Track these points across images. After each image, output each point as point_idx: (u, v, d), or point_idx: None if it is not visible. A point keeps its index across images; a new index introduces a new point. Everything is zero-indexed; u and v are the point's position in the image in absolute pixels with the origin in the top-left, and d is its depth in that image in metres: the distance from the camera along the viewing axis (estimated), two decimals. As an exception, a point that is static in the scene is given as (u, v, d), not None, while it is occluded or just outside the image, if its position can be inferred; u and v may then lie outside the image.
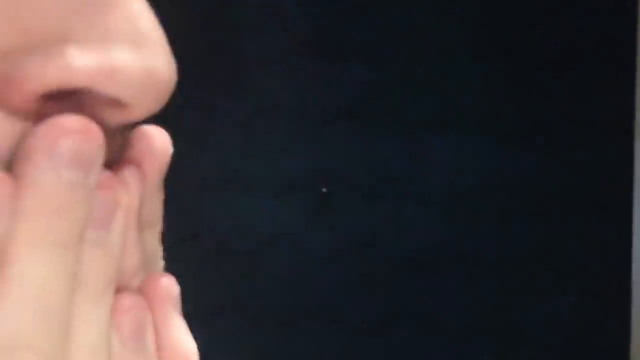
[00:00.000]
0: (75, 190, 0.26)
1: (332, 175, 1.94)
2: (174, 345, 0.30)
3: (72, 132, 0.26)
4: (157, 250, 0.31)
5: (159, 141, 0.30)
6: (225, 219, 1.91)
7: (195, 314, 0.38)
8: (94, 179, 0.27)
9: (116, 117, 0.28)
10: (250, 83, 1.92)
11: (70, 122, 0.26)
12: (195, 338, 0.31)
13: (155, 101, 0.28)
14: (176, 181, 0.39)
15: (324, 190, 1.93)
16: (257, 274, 1.91)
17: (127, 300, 0.29)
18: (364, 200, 1.94)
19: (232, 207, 1.91)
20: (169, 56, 0.28)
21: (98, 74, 0.26)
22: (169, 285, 0.30)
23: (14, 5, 0.26)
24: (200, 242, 1.90)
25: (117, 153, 0.29)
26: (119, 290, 0.28)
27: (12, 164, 0.26)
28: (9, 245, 0.26)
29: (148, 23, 0.28)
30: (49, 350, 0.26)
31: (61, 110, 0.27)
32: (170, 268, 0.32)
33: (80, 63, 0.26)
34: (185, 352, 0.30)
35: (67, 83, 0.26)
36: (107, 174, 0.27)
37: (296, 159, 1.93)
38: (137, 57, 0.27)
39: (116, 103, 0.27)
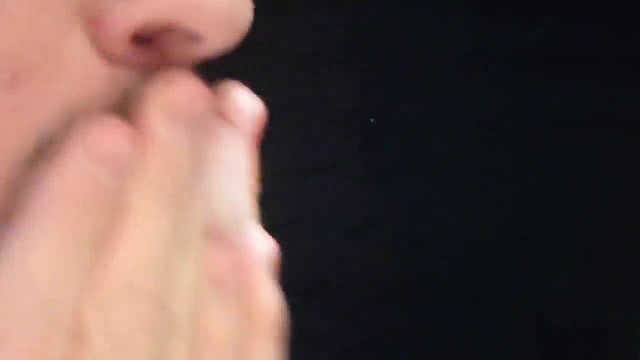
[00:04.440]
0: (187, 145, 0.28)
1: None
2: (260, 304, 0.32)
3: (190, 93, 0.28)
4: (248, 203, 0.32)
5: (247, 100, 0.32)
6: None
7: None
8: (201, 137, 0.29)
9: (190, 53, 0.29)
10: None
11: (187, 81, 0.28)
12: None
13: (231, 36, 0.29)
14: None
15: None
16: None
17: (222, 255, 0.30)
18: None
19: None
20: None
21: (184, 7, 0.28)
22: (261, 246, 0.32)
23: None
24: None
25: None
26: (212, 238, 0.30)
27: (123, 113, 0.28)
28: (126, 196, 0.28)
29: None
30: (159, 292, 0.28)
31: (149, 55, 0.29)
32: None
33: None
34: (268, 312, 0.32)
35: (154, 19, 0.28)
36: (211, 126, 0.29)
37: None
38: None
39: (192, 38, 0.29)
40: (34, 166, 0.27)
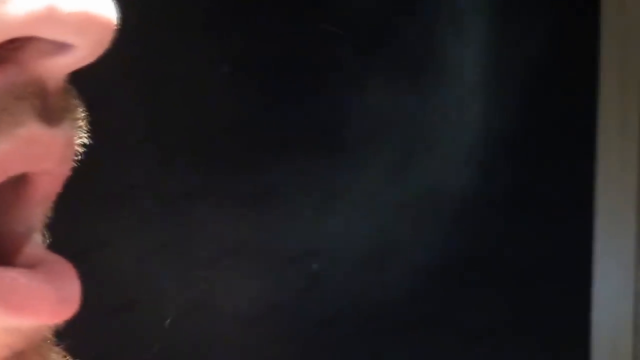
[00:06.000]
0: None
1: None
2: None
3: None
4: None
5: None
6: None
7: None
8: None
9: (63, 63, 0.28)
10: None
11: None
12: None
13: (99, 41, 0.28)
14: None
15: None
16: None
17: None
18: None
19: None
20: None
21: (37, 18, 0.26)
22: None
23: None
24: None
25: (60, 111, 0.29)
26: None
27: None
28: None
29: None
30: None
31: (6, 75, 0.27)
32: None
33: (15, 10, 0.26)
34: None
35: (6, 35, 0.26)
36: None
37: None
38: None
39: (60, 47, 0.28)
40: None
